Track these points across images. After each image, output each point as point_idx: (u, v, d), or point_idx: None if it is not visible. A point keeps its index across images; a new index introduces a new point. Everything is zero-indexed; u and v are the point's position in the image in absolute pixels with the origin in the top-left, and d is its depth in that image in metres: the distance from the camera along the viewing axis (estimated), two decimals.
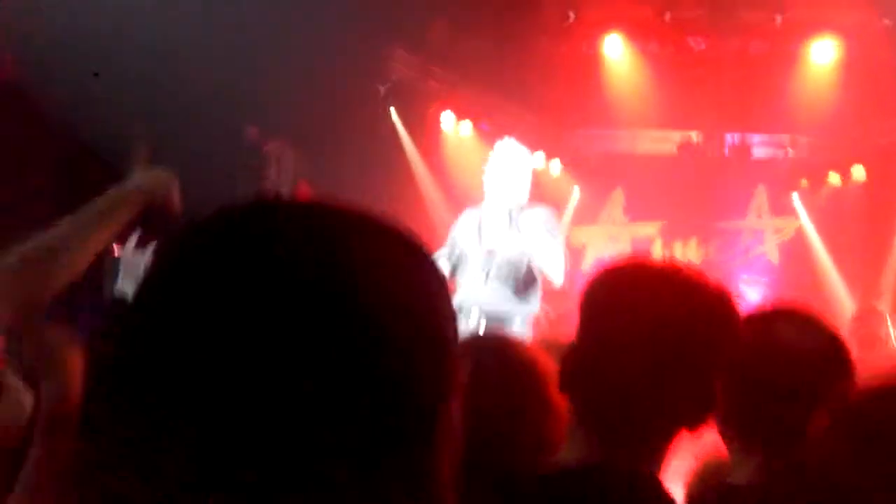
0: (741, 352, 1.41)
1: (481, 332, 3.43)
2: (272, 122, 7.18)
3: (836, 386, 1.42)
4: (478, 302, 3.85)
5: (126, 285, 2.89)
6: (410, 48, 7.65)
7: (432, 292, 0.62)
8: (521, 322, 4.00)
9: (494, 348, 1.57)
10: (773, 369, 1.41)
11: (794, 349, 1.44)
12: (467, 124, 8.46)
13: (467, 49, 7.83)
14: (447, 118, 8.27)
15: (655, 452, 1.14)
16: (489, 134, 8.86)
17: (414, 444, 0.57)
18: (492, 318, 3.86)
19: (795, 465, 1.41)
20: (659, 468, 1.14)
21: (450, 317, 0.63)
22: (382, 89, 7.64)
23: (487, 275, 3.94)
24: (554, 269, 3.92)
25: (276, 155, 7.49)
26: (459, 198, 8.78)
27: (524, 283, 3.99)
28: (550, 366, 1.42)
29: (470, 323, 3.82)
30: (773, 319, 1.50)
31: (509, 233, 3.95)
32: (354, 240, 0.60)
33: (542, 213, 4.11)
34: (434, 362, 0.59)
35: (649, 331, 1.11)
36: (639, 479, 1.10)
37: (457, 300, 3.76)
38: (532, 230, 3.95)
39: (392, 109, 7.93)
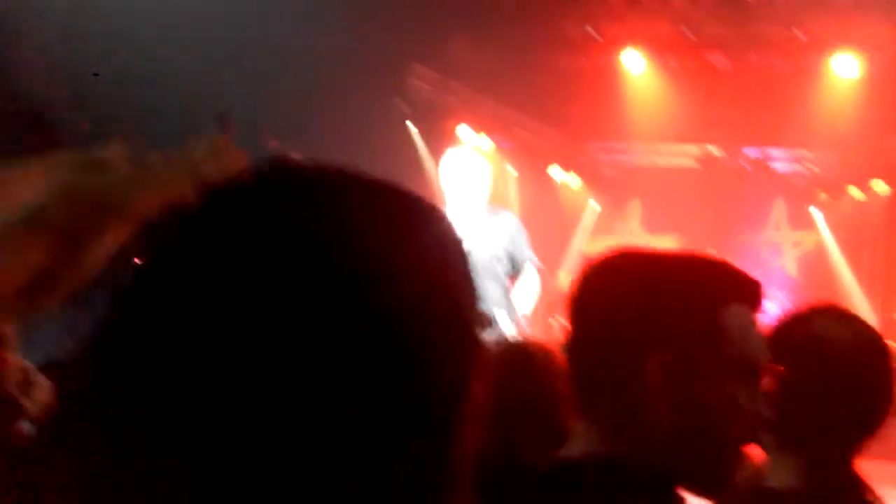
0: (774, 350, 1.39)
1: None
2: (291, 134, 7.20)
3: (878, 382, 1.37)
4: None
5: None
6: (429, 64, 7.65)
7: (450, 263, 0.58)
8: (510, 322, 3.79)
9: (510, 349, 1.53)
10: (810, 366, 1.35)
11: (831, 345, 1.36)
12: (486, 139, 8.46)
13: (486, 64, 7.83)
14: (466, 132, 8.26)
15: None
16: (508, 149, 8.87)
17: (433, 429, 0.54)
18: None
19: (838, 469, 1.37)
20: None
21: (469, 290, 0.58)
22: (401, 104, 7.64)
23: None
24: (528, 297, 3.88)
25: None
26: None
27: (503, 285, 3.83)
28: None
29: None
30: (810, 317, 1.43)
31: (482, 235, 3.76)
32: (369, 208, 0.56)
33: (511, 220, 4.00)
34: (455, 337, 0.56)
35: (630, 318, 1.04)
36: (643, 472, 1.01)
37: None
38: (507, 239, 3.86)
39: (410, 123, 7.94)
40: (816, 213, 9.87)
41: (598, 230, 10.23)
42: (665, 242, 10.03)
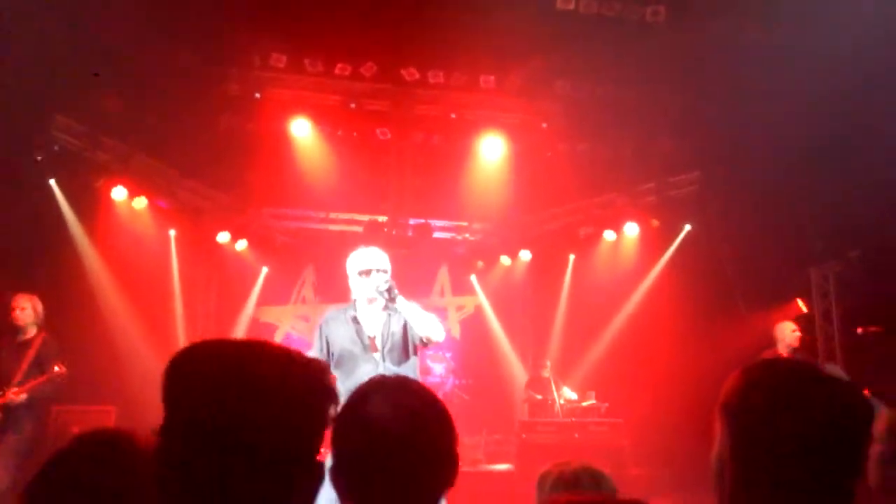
0: (346, 427, 1.42)
1: None
2: None
3: (425, 452, 1.39)
4: None
5: None
6: (77, 117, 6.99)
7: None
8: None
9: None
10: (365, 442, 1.39)
11: (381, 420, 1.41)
12: (142, 200, 7.87)
13: (144, 121, 7.36)
14: (119, 193, 7.62)
15: None
16: (167, 210, 8.35)
17: None
18: None
19: None
20: None
21: None
22: (42, 159, 6.88)
23: (381, 362, 3.87)
24: (434, 331, 3.99)
25: None
26: (133, 272, 8.10)
27: (408, 353, 3.99)
28: None
29: None
30: (367, 394, 1.47)
31: (386, 317, 4.02)
32: None
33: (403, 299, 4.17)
34: None
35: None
36: None
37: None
38: (400, 308, 4.03)
39: (52, 181, 7.17)
40: (475, 280, 10.67)
41: (271, 297, 10.06)
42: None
